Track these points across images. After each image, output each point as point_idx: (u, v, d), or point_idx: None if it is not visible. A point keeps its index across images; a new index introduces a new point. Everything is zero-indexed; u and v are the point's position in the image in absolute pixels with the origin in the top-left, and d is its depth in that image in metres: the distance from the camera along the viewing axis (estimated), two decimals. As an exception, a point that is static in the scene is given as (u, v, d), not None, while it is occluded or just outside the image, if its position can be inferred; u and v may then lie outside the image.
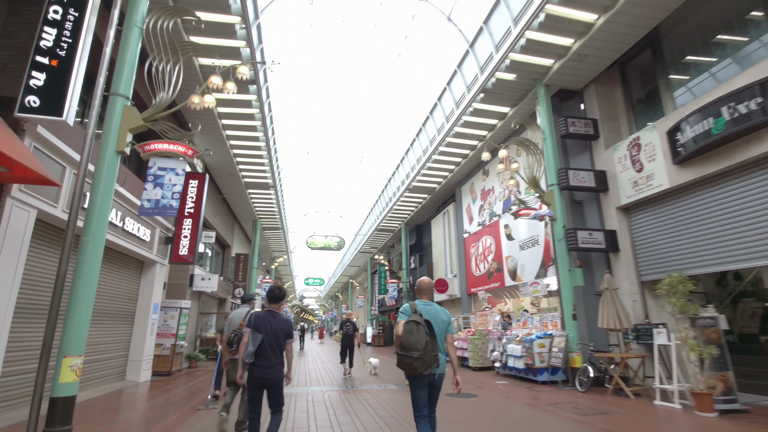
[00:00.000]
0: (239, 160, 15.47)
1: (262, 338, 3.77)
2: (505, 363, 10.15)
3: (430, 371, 3.41)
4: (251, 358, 3.73)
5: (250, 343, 3.75)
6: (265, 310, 4.00)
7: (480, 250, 15.02)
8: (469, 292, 15.92)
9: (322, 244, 30.68)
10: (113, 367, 9.43)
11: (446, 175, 17.19)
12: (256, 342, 3.75)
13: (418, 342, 3.37)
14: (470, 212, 16.13)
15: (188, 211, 11.43)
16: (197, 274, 14.69)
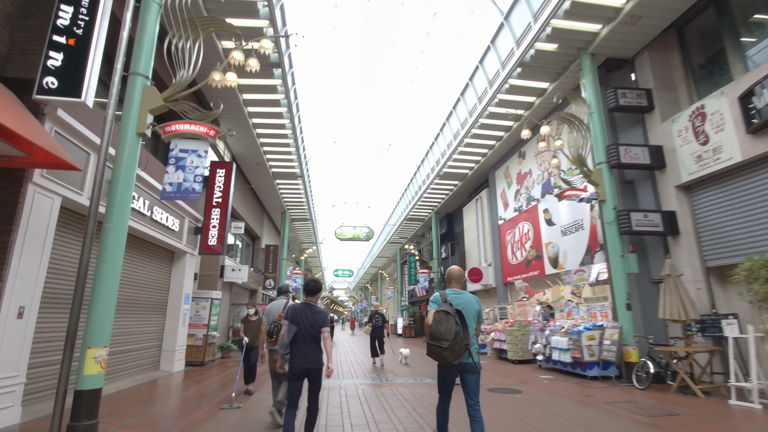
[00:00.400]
0: (266, 149, 15.26)
1: (298, 330, 3.86)
2: (549, 356, 9.47)
3: (460, 361, 3.40)
4: (286, 350, 3.87)
5: (286, 335, 3.86)
6: (302, 302, 4.08)
7: (516, 237, 14.25)
8: (505, 282, 15.19)
9: (350, 235, 30.46)
10: (146, 357, 9.41)
11: (479, 160, 16.42)
12: (291, 333, 3.85)
13: (448, 332, 3.35)
14: (505, 198, 15.34)
15: (216, 201, 11.28)
16: (228, 265, 14.65)
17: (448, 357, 3.34)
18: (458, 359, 3.36)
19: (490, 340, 12.65)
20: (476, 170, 17.16)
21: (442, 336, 3.35)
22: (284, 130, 13.84)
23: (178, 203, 9.79)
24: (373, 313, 11.41)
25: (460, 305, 3.55)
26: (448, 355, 3.34)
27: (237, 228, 15.19)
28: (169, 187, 5.24)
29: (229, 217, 11.36)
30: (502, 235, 15.53)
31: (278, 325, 4.90)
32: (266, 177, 17.64)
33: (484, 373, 9.29)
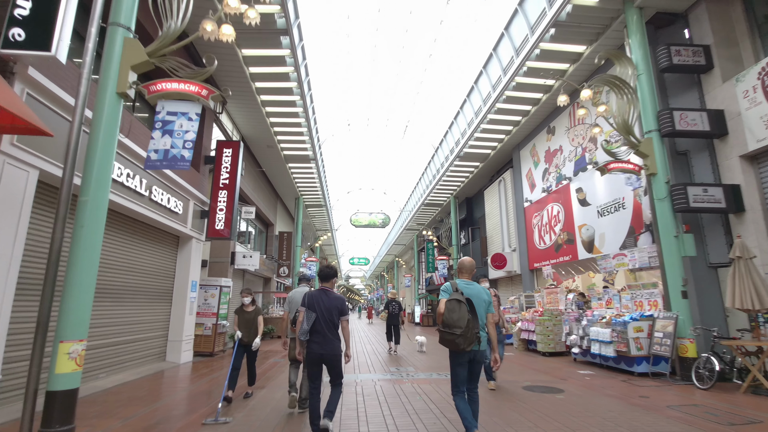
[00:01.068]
0: (277, 130, 14.49)
1: (316, 316, 3.84)
2: (587, 349, 8.55)
3: (472, 348, 3.50)
4: (306, 336, 3.83)
5: (305, 322, 3.84)
6: (318, 289, 4.04)
7: (545, 219, 13.21)
8: (531, 268, 14.21)
9: (366, 222, 29.71)
10: (151, 348, 8.85)
11: (502, 138, 15.32)
12: (311, 320, 3.83)
13: (460, 320, 3.45)
14: (531, 178, 14.26)
15: (223, 183, 10.60)
16: (239, 251, 14.04)
17: (461, 344, 3.45)
18: (470, 346, 3.47)
19: (517, 330, 11.76)
20: (499, 150, 16.07)
21: (455, 323, 3.46)
22: (295, 108, 13.02)
23: (181, 184, 9.11)
24: (389, 301, 11.79)
25: (470, 295, 3.63)
26: (461, 342, 3.44)
27: (248, 213, 14.55)
28: (154, 155, 4.47)
29: (236, 199, 10.67)
30: (528, 218, 14.51)
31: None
32: (278, 160, 16.92)
33: (514, 367, 8.44)
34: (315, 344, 3.82)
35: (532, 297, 13.58)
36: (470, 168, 18.69)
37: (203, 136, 10.58)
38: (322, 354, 3.82)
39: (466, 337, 3.43)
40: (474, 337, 3.47)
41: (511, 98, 12.52)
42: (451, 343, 3.49)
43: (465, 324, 3.43)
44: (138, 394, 6.07)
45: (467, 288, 3.69)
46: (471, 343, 3.46)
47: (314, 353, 3.82)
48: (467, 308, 3.50)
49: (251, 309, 6.09)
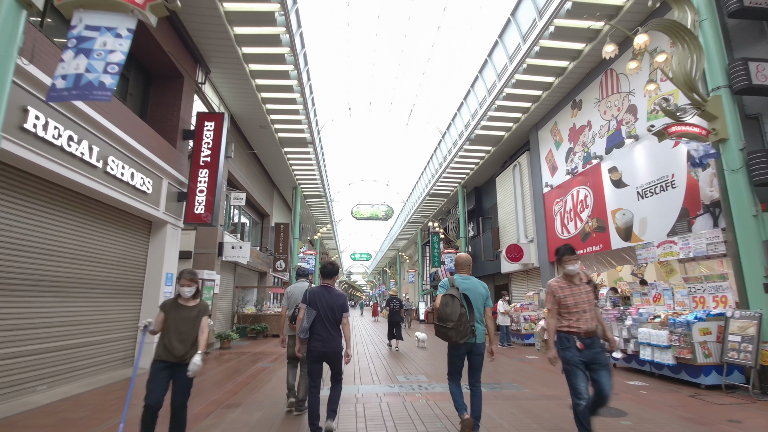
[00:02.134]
0: (270, 108, 13.08)
1: (317, 313, 3.78)
2: (633, 354, 7.16)
3: (466, 341, 3.61)
4: (306, 334, 3.77)
5: (305, 319, 3.78)
6: (320, 285, 3.97)
7: (569, 206, 11.78)
8: (552, 260, 12.79)
9: (368, 214, 28.32)
10: (115, 351, 7.49)
11: (518, 118, 13.87)
12: (311, 318, 3.77)
13: (453, 314, 3.60)
14: (552, 160, 12.82)
15: (204, 160, 9.21)
16: (227, 241, 12.67)
17: (453, 336, 3.59)
18: (463, 339, 3.59)
19: (540, 330, 10.35)
20: (514, 131, 14.62)
21: (448, 317, 3.62)
22: (289, 80, 11.60)
23: (151, 158, 7.72)
24: (391, 298, 11.99)
25: (467, 290, 3.78)
26: (453, 335, 3.59)
27: (237, 199, 13.17)
28: (61, 82, 3.06)
29: (219, 180, 9.29)
30: (547, 205, 13.07)
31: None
32: (272, 144, 15.50)
33: (546, 376, 7.06)
34: (317, 342, 3.76)
35: (553, 292, 12.17)
36: (481, 153, 17.24)
37: (181, 107, 9.18)
38: (324, 351, 3.76)
39: (459, 330, 3.57)
40: (468, 330, 3.60)
41: (533, 68, 11.05)
42: (444, 335, 3.66)
43: (457, 318, 3.58)
44: (75, 415, 4.71)
45: (464, 283, 3.85)
46: (464, 336, 3.59)
47: (317, 351, 3.76)
48: (461, 303, 3.65)
49: (192, 305, 3.54)
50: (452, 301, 3.65)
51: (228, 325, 14.67)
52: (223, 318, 14.32)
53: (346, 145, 26.81)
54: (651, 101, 8.59)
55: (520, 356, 9.58)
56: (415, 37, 17.77)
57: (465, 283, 3.84)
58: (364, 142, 26.96)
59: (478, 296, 3.80)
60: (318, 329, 3.77)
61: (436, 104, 19.84)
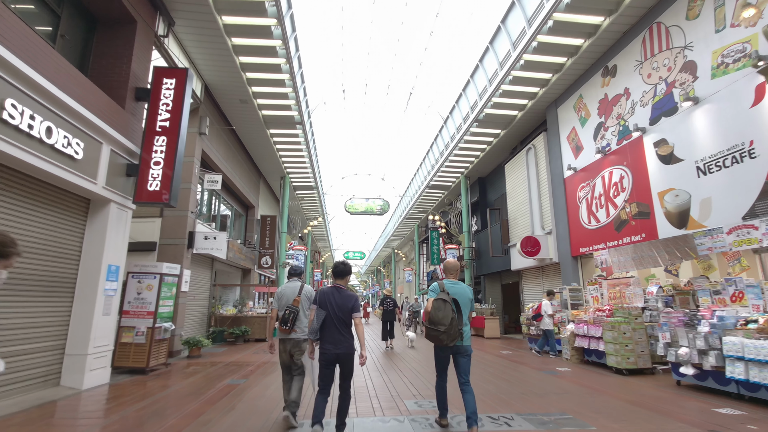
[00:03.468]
0: (251, 77, 11.28)
1: (327, 314, 3.72)
2: (714, 369, 5.48)
3: (455, 343, 3.80)
4: (316, 335, 3.73)
5: (315, 320, 3.73)
6: (331, 286, 3.93)
7: (598, 190, 10.13)
8: (575, 254, 11.13)
9: (363, 208, 26.53)
10: (34, 367, 5.66)
11: (535, 93, 12.19)
12: (320, 319, 3.72)
13: (445, 317, 3.75)
14: (576, 140, 11.16)
15: (161, 125, 7.41)
16: (199, 231, 10.84)
17: (445, 339, 3.75)
18: (453, 342, 3.77)
19: (570, 335, 8.68)
20: (530, 109, 12.95)
21: (440, 321, 3.75)
22: (273, 40, 9.83)
23: (82, 114, 5.91)
24: (385, 297, 12.04)
25: (455, 294, 3.94)
26: (445, 338, 3.74)
27: (213, 182, 11.33)
28: None
29: (181, 150, 7.49)
30: (569, 191, 11.41)
31: (293, 311, 4.35)
32: (256, 123, 13.68)
33: (596, 400, 5.34)
34: (329, 344, 3.69)
35: (578, 291, 10.53)
36: (489, 138, 15.56)
37: (132, 60, 7.36)
38: (338, 354, 3.68)
39: (449, 333, 3.74)
40: (457, 333, 3.77)
41: (558, 26, 9.35)
42: (436, 338, 3.81)
43: (449, 322, 3.74)
44: None
45: (453, 287, 4.03)
46: (454, 339, 3.77)
47: (329, 353, 3.67)
48: (452, 307, 3.80)
49: None
50: (444, 305, 3.80)
51: (203, 329, 12.83)
52: (197, 320, 12.48)
53: (339, 135, 25.05)
54: (717, 54, 6.93)
55: (548, 368, 7.89)
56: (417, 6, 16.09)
57: (454, 288, 4.02)
58: (359, 132, 25.21)
59: (465, 300, 3.99)
60: (329, 331, 3.71)
61: (439, 86, 18.17)
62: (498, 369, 7.78)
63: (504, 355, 9.86)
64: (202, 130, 11.11)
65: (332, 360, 3.69)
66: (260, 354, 10.16)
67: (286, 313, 4.33)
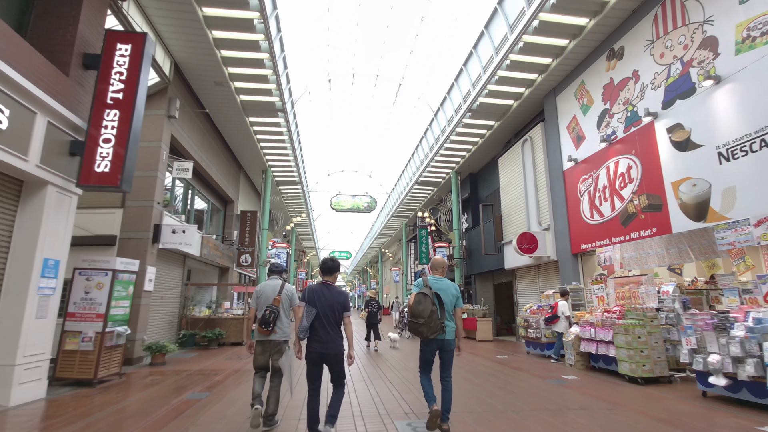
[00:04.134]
0: (227, 56, 10.29)
1: (317, 312, 3.62)
2: (752, 381, 4.74)
3: (436, 336, 3.88)
4: (305, 334, 3.61)
5: (304, 318, 3.61)
6: (320, 283, 3.83)
7: (602, 182, 9.42)
8: (576, 251, 10.42)
9: (349, 206, 25.60)
10: (-63, 382, 4.61)
11: (533, 80, 11.46)
12: (311, 317, 3.60)
13: (424, 311, 3.83)
14: (577, 129, 10.46)
15: (113, 97, 6.41)
16: (167, 224, 9.78)
17: (424, 332, 3.83)
18: (433, 335, 3.84)
19: (574, 338, 7.92)
20: (526, 98, 12.22)
21: (420, 314, 3.84)
22: (249, 11, 8.87)
23: (10, 77, 4.88)
24: (370, 300, 11.83)
25: (439, 290, 4.01)
26: (424, 330, 3.83)
27: (182, 170, 10.27)
28: None
29: (137, 127, 6.48)
30: (569, 184, 10.70)
31: (274, 311, 4.12)
32: (233, 110, 12.65)
33: (609, 417, 4.54)
34: (316, 342, 3.59)
35: (579, 291, 9.81)
36: (482, 130, 14.81)
37: (80, 21, 6.33)
38: (323, 353, 3.57)
39: (429, 326, 3.81)
40: (438, 326, 3.84)
41: (561, 5, 8.61)
42: (416, 330, 3.88)
43: (428, 315, 3.80)
44: None
45: (437, 283, 4.09)
46: (434, 332, 3.83)
47: (315, 352, 3.57)
48: (432, 301, 3.87)
49: None
50: (424, 299, 3.87)
51: (173, 332, 11.74)
52: (166, 323, 11.40)
53: (325, 129, 24.04)
54: (742, 27, 6.24)
55: (553, 375, 7.10)
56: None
57: (438, 284, 4.09)
58: (346, 126, 24.24)
59: (449, 296, 4.06)
60: (317, 329, 3.61)
61: (429, 76, 17.34)
62: (499, 378, 6.97)
63: (502, 360, 9.06)
64: (171, 112, 10.06)
65: (318, 359, 3.58)
66: (233, 360, 9.16)
67: (266, 313, 4.10)
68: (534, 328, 9.61)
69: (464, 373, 7.39)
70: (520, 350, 10.89)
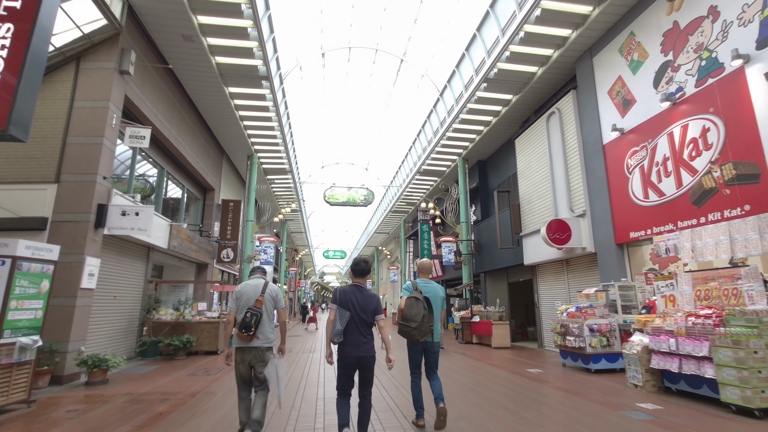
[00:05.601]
0: (195, 4, 8.33)
1: (350, 315, 3.48)
2: None
3: (425, 339, 4.01)
4: (340, 338, 3.46)
5: (337, 322, 3.47)
6: (351, 284, 3.67)
7: (661, 153, 7.57)
8: (622, 241, 8.56)
9: (344, 199, 23.64)
10: None
11: (565, 37, 9.62)
12: (344, 320, 3.46)
13: (416, 315, 3.93)
14: (623, 93, 8.61)
15: (7, 7, 4.40)
16: (115, 204, 7.77)
17: (416, 335, 3.94)
18: (423, 337, 3.96)
19: (642, 350, 6.04)
20: (554, 63, 10.36)
21: (412, 318, 3.93)
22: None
23: None
24: None
25: (428, 293, 4.17)
26: (416, 334, 3.94)
27: (137, 138, 8.22)
28: None
29: (38, 51, 4.50)
30: (612, 160, 8.86)
31: (256, 313, 3.68)
32: (207, 72, 10.65)
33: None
34: (350, 346, 3.44)
35: (629, 289, 7.96)
36: (496, 107, 12.95)
37: None
38: (359, 357, 3.43)
39: (420, 329, 3.91)
40: (428, 329, 3.96)
41: None
42: (408, 334, 3.99)
43: (420, 319, 3.90)
44: None
45: (425, 286, 4.25)
46: (424, 335, 3.94)
47: (350, 356, 3.42)
48: (424, 305, 3.99)
49: None
50: (416, 303, 3.98)
51: (130, 340, 9.72)
52: (122, 329, 9.38)
53: (318, 115, 22.09)
54: None
55: (621, 402, 5.21)
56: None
57: (426, 287, 4.24)
58: (341, 110, 22.30)
59: (437, 299, 4.24)
60: (350, 333, 3.46)
61: (435, 50, 15.44)
62: (553, 407, 5.06)
63: (537, 377, 7.17)
64: (123, 67, 8.09)
65: (353, 364, 3.45)
66: (197, 377, 7.19)
67: (247, 316, 3.68)
68: (576, 335, 7.72)
69: (502, 398, 5.48)
70: (549, 361, 9.02)
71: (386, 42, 16.01)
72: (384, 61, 16.97)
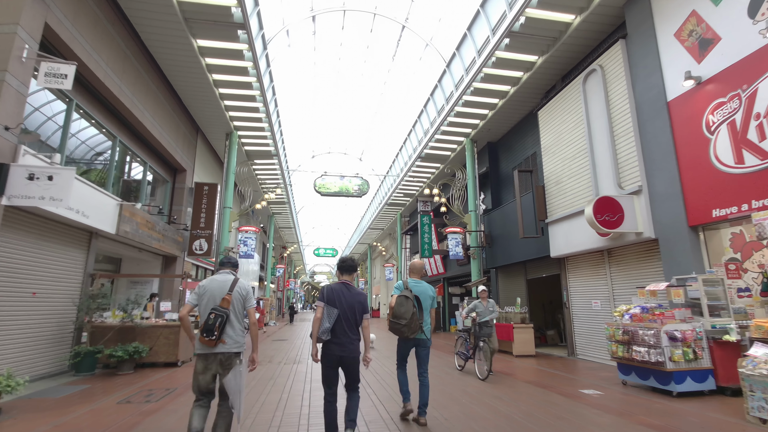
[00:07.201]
0: None
1: (338, 314, 3.45)
2: None
3: (415, 336, 4.27)
4: (327, 336, 3.42)
5: (325, 319, 3.42)
6: (339, 282, 3.64)
7: (762, 103, 5.66)
8: (696, 222, 6.64)
9: (337, 188, 21.57)
10: None
11: (616, -28, 7.68)
12: (332, 318, 3.42)
13: (406, 312, 4.16)
14: (700, 32, 6.70)
15: None
16: (22, 165, 5.62)
17: (405, 332, 4.19)
18: (413, 334, 4.20)
19: (764, 365, 4.08)
20: (595, 8, 8.42)
21: (402, 315, 4.17)
22: None
23: None
24: None
25: (417, 292, 4.39)
26: (405, 330, 4.18)
27: (56, 76, 6.01)
28: None
29: None
30: (683, 119, 6.95)
31: (222, 314, 3.22)
32: (170, 21, 8.52)
33: None
34: (334, 345, 3.41)
35: (718, 285, 6.04)
36: (517, 72, 11.00)
37: None
38: (341, 356, 3.43)
39: (410, 326, 4.15)
40: (417, 326, 4.20)
41: None
42: (398, 331, 4.23)
43: (410, 316, 4.14)
44: None
45: (416, 286, 4.48)
46: (414, 331, 4.18)
47: (333, 355, 3.42)
48: (414, 303, 4.22)
49: None
50: (406, 301, 4.20)
51: (62, 349, 7.54)
52: (46, 335, 7.19)
53: (308, 98, 20.02)
54: None
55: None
56: None
57: (417, 287, 4.47)
58: (333, 91, 20.24)
59: (427, 299, 4.45)
60: (337, 331, 3.42)
61: (441, 13, 13.50)
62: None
63: (600, 403, 5.21)
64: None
65: (335, 363, 3.43)
66: (133, 404, 5.09)
67: (211, 317, 3.19)
68: (649, 346, 5.76)
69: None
70: (597, 376, 7.10)
71: (386, 4, 14.00)
72: (383, 29, 14.96)
